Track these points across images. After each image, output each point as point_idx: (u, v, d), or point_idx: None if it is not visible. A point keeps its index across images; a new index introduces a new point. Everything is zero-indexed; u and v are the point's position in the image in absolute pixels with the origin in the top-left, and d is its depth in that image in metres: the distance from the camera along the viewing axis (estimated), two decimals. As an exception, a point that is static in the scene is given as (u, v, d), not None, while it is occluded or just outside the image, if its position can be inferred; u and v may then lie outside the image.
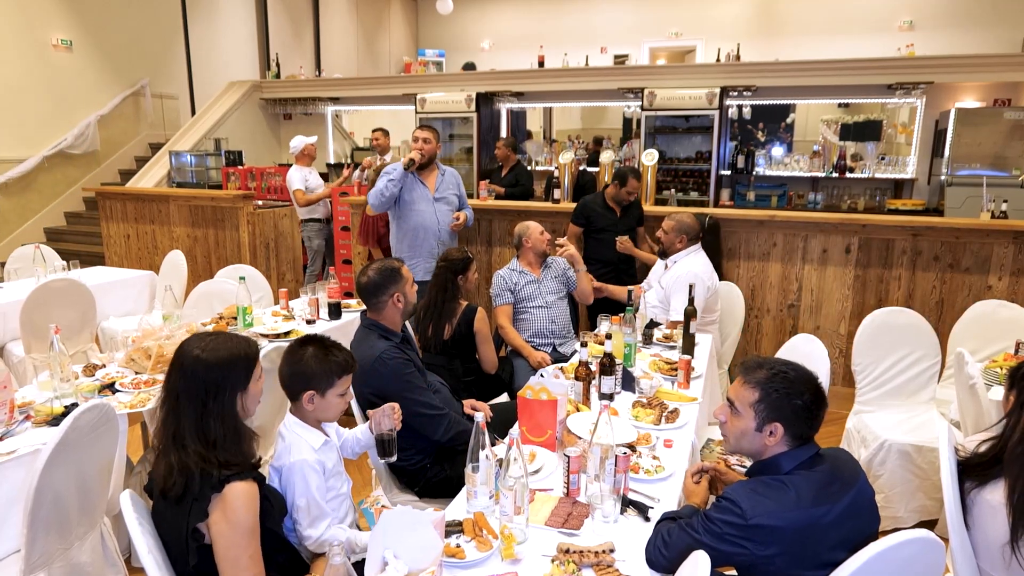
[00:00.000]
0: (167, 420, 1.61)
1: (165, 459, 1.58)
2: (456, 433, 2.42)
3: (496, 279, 3.65)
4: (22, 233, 7.33)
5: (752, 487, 1.52)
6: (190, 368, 1.61)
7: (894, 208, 6.34)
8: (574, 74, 7.71)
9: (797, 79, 6.67)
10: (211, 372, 1.61)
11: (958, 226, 4.03)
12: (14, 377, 3.07)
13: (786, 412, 1.55)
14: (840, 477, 1.53)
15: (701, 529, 1.49)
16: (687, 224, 3.61)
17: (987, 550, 1.68)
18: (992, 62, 6.18)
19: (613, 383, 2.47)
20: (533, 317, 3.61)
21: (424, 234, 4.12)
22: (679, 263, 3.61)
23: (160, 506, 1.61)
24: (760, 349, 4.51)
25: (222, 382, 1.61)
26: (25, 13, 7.14)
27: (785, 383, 1.57)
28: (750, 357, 1.71)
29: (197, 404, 1.59)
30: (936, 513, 2.89)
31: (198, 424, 1.58)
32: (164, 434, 1.61)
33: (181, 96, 9.04)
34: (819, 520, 1.45)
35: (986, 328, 3.31)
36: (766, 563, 1.46)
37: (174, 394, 1.61)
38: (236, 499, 1.52)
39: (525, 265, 3.68)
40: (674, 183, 7.20)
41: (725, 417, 1.66)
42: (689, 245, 3.64)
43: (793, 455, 1.56)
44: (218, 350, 1.63)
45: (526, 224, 3.69)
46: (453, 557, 1.54)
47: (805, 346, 2.74)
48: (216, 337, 1.68)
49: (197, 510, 1.52)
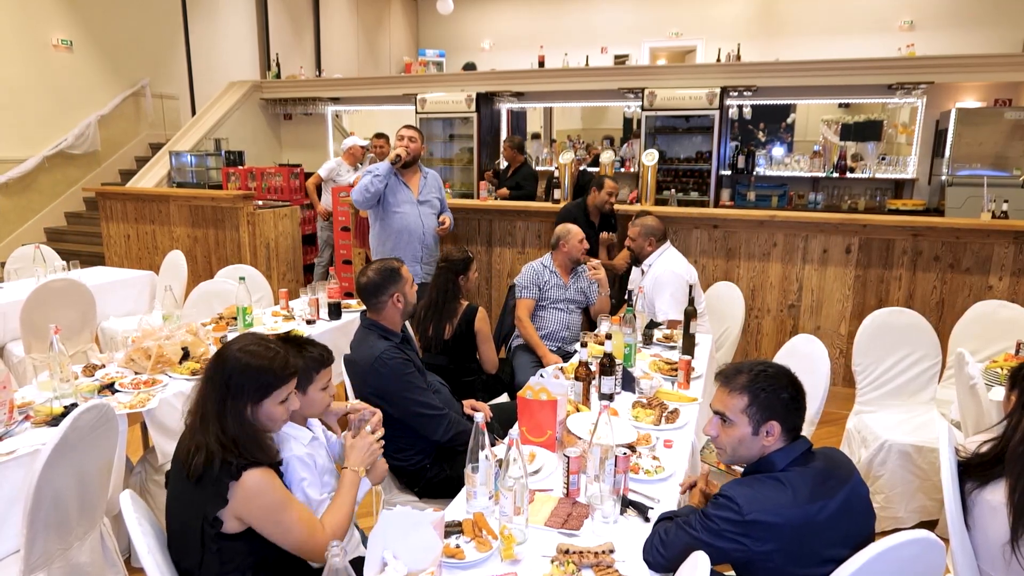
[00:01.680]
0: (199, 400, 1.63)
1: (192, 437, 1.59)
2: (456, 433, 2.42)
3: (527, 271, 3.62)
4: (22, 233, 7.33)
5: (748, 484, 1.53)
6: (223, 360, 1.64)
7: (895, 208, 6.34)
8: (574, 74, 7.71)
9: (797, 79, 6.66)
10: (236, 374, 1.61)
11: (959, 226, 4.03)
12: (14, 377, 3.08)
13: (777, 408, 1.57)
14: (835, 474, 1.54)
15: (699, 526, 1.50)
16: (651, 226, 3.66)
17: (987, 550, 1.68)
18: (993, 62, 6.18)
19: (613, 383, 2.46)
20: (550, 318, 3.62)
21: (408, 237, 4.07)
22: (653, 266, 3.64)
23: (177, 489, 1.62)
24: (760, 349, 4.51)
25: (238, 388, 1.61)
26: (25, 13, 7.14)
27: (768, 380, 1.59)
28: (723, 367, 1.70)
29: (219, 399, 1.60)
30: (936, 513, 2.88)
31: (219, 417, 1.59)
32: (195, 412, 1.63)
33: (181, 96, 9.04)
34: (815, 517, 1.45)
35: (987, 328, 3.30)
36: (764, 559, 1.46)
37: (207, 378, 1.64)
38: (257, 484, 1.54)
39: (558, 266, 3.66)
40: (674, 183, 7.20)
41: (717, 431, 1.65)
42: (659, 245, 3.67)
43: (787, 452, 1.57)
44: (253, 356, 1.63)
45: (568, 228, 3.64)
46: (453, 558, 1.54)
47: (805, 346, 2.74)
48: (261, 343, 1.68)
49: (215, 495, 1.53)
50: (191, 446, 1.57)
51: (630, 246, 3.72)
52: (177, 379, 2.67)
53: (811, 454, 1.58)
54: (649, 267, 3.66)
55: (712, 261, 4.58)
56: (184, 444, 1.61)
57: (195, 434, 1.59)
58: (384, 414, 2.39)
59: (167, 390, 2.58)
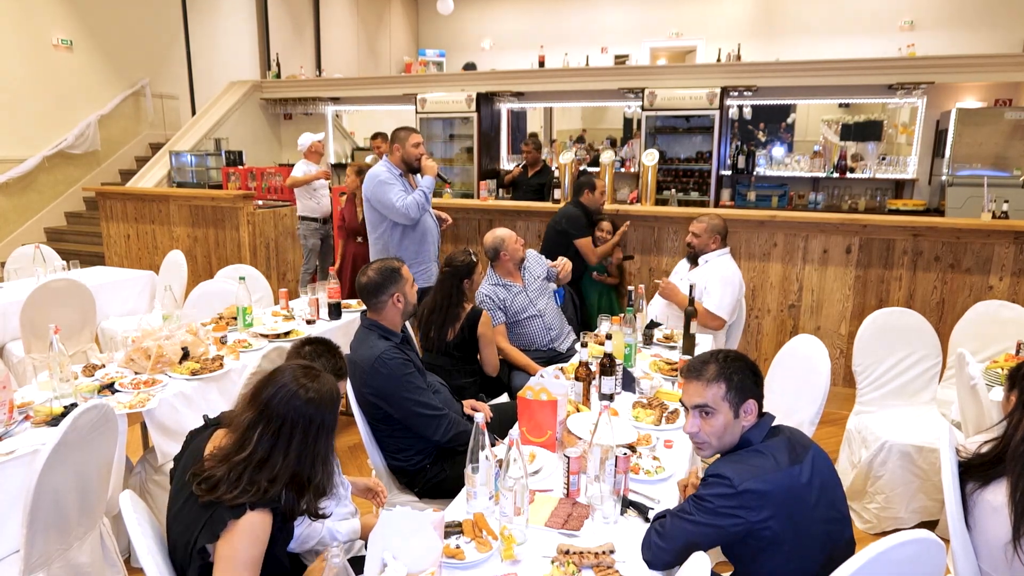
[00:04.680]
0: (261, 444, 1.51)
1: (231, 470, 1.49)
2: (456, 434, 2.42)
3: (481, 298, 3.47)
4: (22, 233, 7.33)
5: (733, 459, 1.59)
6: (302, 401, 1.54)
7: (895, 208, 6.34)
8: (574, 74, 7.71)
9: (798, 79, 6.66)
10: (322, 411, 1.56)
11: (959, 226, 4.02)
12: (13, 377, 3.08)
13: (750, 386, 1.65)
14: (799, 442, 1.62)
15: (694, 510, 1.53)
16: (718, 225, 3.54)
17: (988, 551, 1.68)
18: (993, 62, 6.17)
19: (613, 383, 2.46)
20: (529, 330, 3.52)
21: (431, 238, 4.07)
22: (711, 262, 3.52)
23: (179, 501, 1.57)
24: (760, 350, 4.50)
25: (324, 423, 1.56)
26: (26, 13, 7.14)
27: (734, 363, 1.66)
28: (688, 361, 1.74)
29: (304, 442, 1.53)
30: (937, 514, 2.88)
31: (297, 462, 1.53)
32: (251, 453, 1.51)
33: (181, 96, 9.04)
34: (797, 479, 1.53)
35: (987, 329, 3.30)
36: (762, 528, 1.50)
37: (278, 422, 1.52)
38: (246, 531, 1.47)
39: (505, 276, 3.53)
40: (674, 183, 7.20)
41: (698, 427, 1.66)
42: (722, 246, 3.56)
43: (759, 427, 1.65)
44: (321, 390, 1.58)
45: (498, 235, 3.49)
46: (453, 558, 1.53)
47: (806, 347, 2.73)
48: (309, 372, 1.62)
49: (208, 530, 1.47)
50: (222, 475, 1.49)
51: (692, 242, 3.59)
52: (177, 379, 2.67)
53: (777, 428, 1.67)
54: (706, 263, 3.55)
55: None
56: (216, 469, 1.51)
57: (235, 469, 1.49)
58: (384, 414, 2.40)
59: (167, 390, 2.58)
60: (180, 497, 1.58)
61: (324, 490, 1.60)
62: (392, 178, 3.85)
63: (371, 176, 3.89)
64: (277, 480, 1.50)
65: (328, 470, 1.61)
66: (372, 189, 3.86)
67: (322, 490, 1.59)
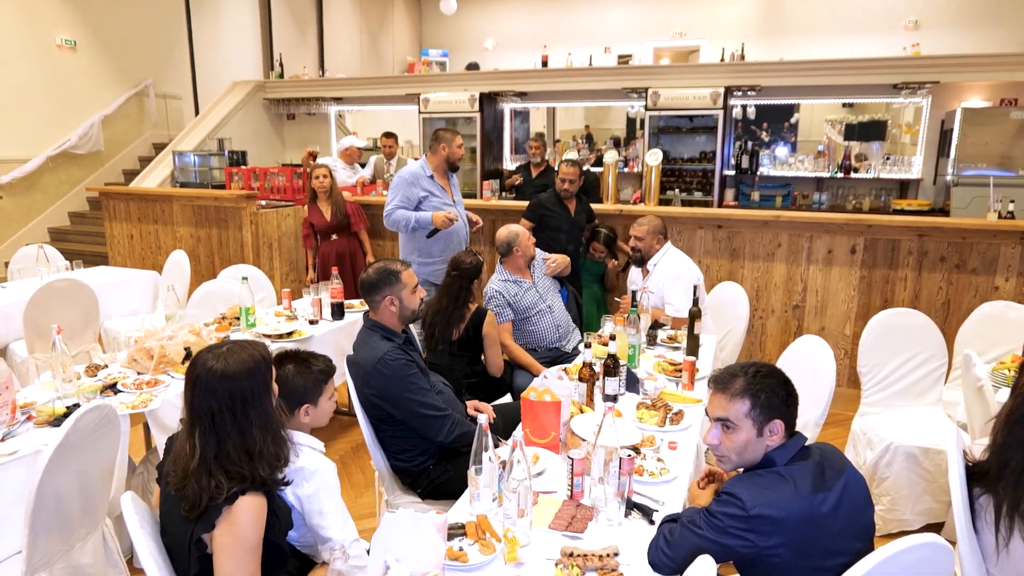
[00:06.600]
0: (205, 442, 1.52)
1: (198, 480, 1.50)
2: (459, 434, 2.40)
3: (491, 294, 3.44)
4: (26, 233, 7.35)
5: (751, 480, 1.54)
6: (216, 384, 1.54)
7: (900, 208, 6.32)
8: (578, 74, 7.70)
9: (801, 79, 6.64)
10: (240, 382, 1.56)
11: (964, 226, 4.00)
12: (16, 377, 3.07)
13: (778, 406, 1.58)
14: (831, 466, 1.55)
15: (704, 525, 1.50)
16: (659, 225, 3.64)
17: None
18: (998, 61, 6.14)
19: (617, 384, 2.45)
20: (539, 327, 3.50)
21: (458, 238, 4.10)
22: (659, 264, 3.62)
23: (168, 505, 1.60)
24: (764, 350, 4.49)
25: (247, 392, 1.56)
26: (30, 13, 7.15)
27: (765, 380, 1.59)
28: (716, 371, 1.69)
29: (236, 418, 1.54)
30: (943, 516, 2.86)
31: (241, 439, 1.54)
32: (201, 456, 1.52)
33: (185, 96, 9.05)
34: (818, 508, 1.46)
35: (993, 329, 3.28)
36: (770, 554, 1.46)
37: (208, 415, 1.54)
38: (244, 514, 1.49)
39: (515, 272, 3.52)
40: (678, 183, 7.19)
41: (718, 439, 1.62)
42: (664, 243, 3.66)
43: (786, 448, 1.58)
44: (229, 363, 1.57)
45: (513, 230, 3.50)
46: (456, 561, 1.53)
47: (810, 348, 2.72)
48: (231, 347, 1.62)
49: (204, 521, 1.49)
50: (195, 487, 1.49)
51: (638, 247, 3.63)
52: (179, 379, 2.66)
53: (807, 449, 1.60)
54: (655, 266, 3.63)
55: (716, 261, 4.56)
56: (187, 487, 1.51)
57: (202, 477, 1.50)
58: (387, 415, 2.39)
59: (169, 390, 2.57)
60: (170, 501, 1.59)
61: (277, 455, 1.58)
62: (412, 180, 3.98)
63: (401, 170, 4.10)
64: (242, 461, 1.52)
65: (273, 435, 1.59)
66: (393, 180, 4.07)
67: (273, 456, 1.57)
